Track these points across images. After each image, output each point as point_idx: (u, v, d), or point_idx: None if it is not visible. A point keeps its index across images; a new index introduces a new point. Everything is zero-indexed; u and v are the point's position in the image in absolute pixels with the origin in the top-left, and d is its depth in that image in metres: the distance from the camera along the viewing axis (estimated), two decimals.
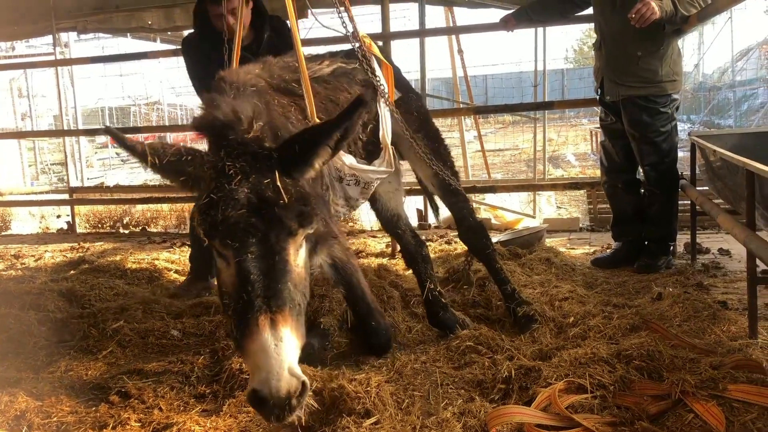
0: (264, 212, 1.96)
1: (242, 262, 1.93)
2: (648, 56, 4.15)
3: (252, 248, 1.94)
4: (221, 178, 2.01)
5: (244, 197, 1.96)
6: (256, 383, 1.79)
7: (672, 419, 2.21)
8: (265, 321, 1.85)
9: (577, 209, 8.19)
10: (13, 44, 13.62)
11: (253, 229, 1.94)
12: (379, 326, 3.05)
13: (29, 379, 2.89)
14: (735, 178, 3.27)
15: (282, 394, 1.77)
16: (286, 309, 1.91)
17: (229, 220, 1.93)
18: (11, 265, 5.64)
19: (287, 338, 1.86)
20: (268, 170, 2.04)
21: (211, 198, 1.98)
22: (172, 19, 7.11)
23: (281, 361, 1.80)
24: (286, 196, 1.99)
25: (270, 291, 1.91)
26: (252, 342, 1.83)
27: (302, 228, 2.04)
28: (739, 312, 3.32)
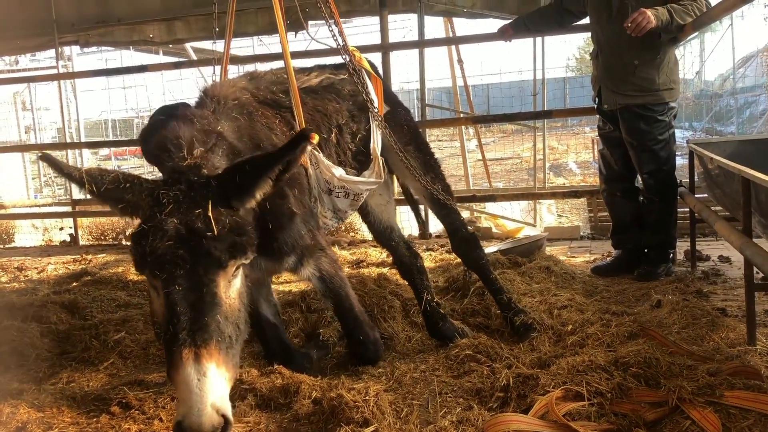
0: (192, 244, 1.95)
1: (169, 294, 1.92)
2: (645, 65, 4.17)
3: (179, 280, 1.93)
4: (155, 206, 2.01)
5: (172, 228, 1.95)
6: (179, 415, 1.81)
7: (669, 426, 2.22)
8: (189, 355, 1.85)
9: (578, 218, 8.20)
10: (17, 58, 13.73)
11: (180, 260, 1.93)
12: (368, 339, 3.01)
13: (31, 391, 2.90)
14: (732, 186, 3.28)
15: (203, 430, 1.78)
16: (212, 343, 1.90)
17: (156, 251, 1.93)
18: (14, 277, 5.67)
19: (211, 373, 1.85)
20: (201, 199, 2.03)
21: (143, 228, 1.99)
22: (173, 32, 7.18)
23: (203, 397, 1.80)
24: (217, 227, 1.98)
25: (196, 324, 1.90)
26: (177, 375, 1.85)
27: (234, 259, 2.03)
28: (738, 319, 3.33)
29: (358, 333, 2.99)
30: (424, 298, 3.41)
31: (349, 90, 3.25)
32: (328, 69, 3.38)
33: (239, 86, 2.83)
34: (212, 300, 1.96)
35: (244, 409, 2.60)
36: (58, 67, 7.84)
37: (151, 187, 2.08)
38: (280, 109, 2.91)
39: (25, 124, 14.11)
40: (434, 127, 12.47)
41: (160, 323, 1.99)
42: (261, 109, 2.76)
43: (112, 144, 14.41)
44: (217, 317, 1.95)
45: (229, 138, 2.41)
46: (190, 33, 7.12)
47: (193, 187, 2.05)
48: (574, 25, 5.07)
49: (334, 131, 3.12)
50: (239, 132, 2.49)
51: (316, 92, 3.11)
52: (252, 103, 2.75)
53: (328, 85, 3.23)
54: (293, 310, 3.67)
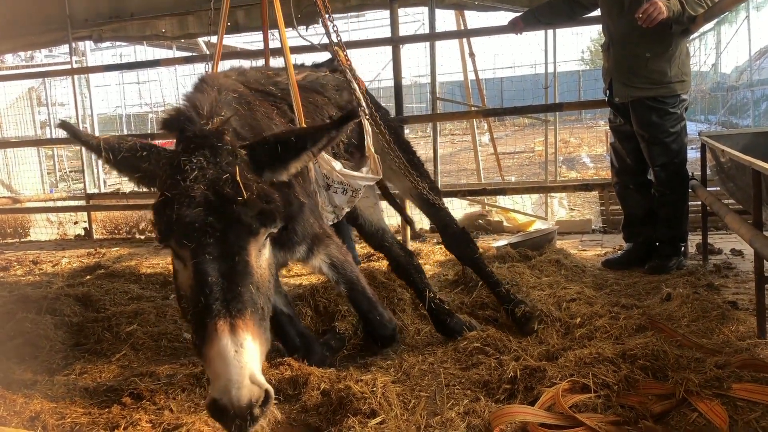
0: (222, 210, 1.86)
1: (199, 264, 1.82)
2: (656, 57, 4.15)
3: (209, 249, 1.83)
4: (177, 174, 1.91)
5: (200, 194, 1.86)
6: (215, 392, 1.69)
7: (676, 418, 2.22)
8: (224, 326, 1.75)
9: (590, 211, 8.16)
10: (32, 54, 13.84)
11: (210, 228, 1.84)
12: (383, 318, 3.06)
13: (45, 382, 2.96)
14: (744, 178, 3.26)
15: (243, 404, 1.67)
16: (247, 313, 1.80)
17: (184, 219, 1.83)
18: (29, 270, 5.74)
19: (248, 344, 1.75)
20: (227, 165, 1.95)
21: (166, 196, 1.89)
22: (185, 27, 7.20)
23: (242, 369, 1.70)
24: (246, 192, 1.88)
25: (229, 294, 1.81)
26: (211, 348, 1.73)
27: (264, 227, 1.94)
28: (749, 312, 3.31)
29: (374, 314, 3.02)
30: (427, 297, 3.37)
31: (334, 85, 3.27)
32: (308, 68, 3.41)
33: (233, 78, 2.81)
34: (244, 269, 1.87)
35: None
36: (72, 62, 7.90)
37: (169, 156, 2.01)
38: (275, 100, 2.91)
39: (41, 120, 14.22)
40: (445, 120, 12.46)
41: (188, 297, 1.89)
42: (257, 101, 2.75)
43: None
44: (249, 287, 1.86)
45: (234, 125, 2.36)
46: (202, 27, 7.13)
47: (218, 153, 1.97)
48: (586, 17, 5.03)
49: None
50: (241, 121, 2.45)
51: (304, 87, 3.10)
52: (249, 94, 2.73)
53: (313, 80, 3.25)
54: (303, 304, 3.68)
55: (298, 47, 5.57)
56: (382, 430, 2.27)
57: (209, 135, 2.03)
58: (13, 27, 7.35)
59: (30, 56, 14.02)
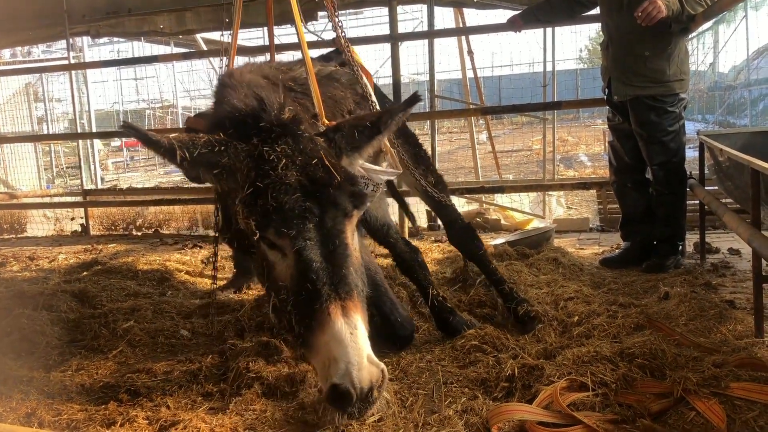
0: (318, 194, 1.86)
1: (302, 250, 1.81)
2: (655, 56, 4.14)
3: (311, 234, 1.83)
4: (263, 164, 1.89)
5: (294, 181, 1.85)
6: (336, 377, 1.67)
7: (674, 417, 2.21)
8: (336, 309, 1.75)
9: (588, 210, 8.16)
10: (30, 49, 13.81)
11: (309, 213, 1.83)
12: (404, 319, 3.07)
13: (41, 378, 2.94)
14: (742, 178, 3.26)
15: (365, 385, 1.67)
16: (354, 295, 1.82)
17: (283, 207, 1.82)
18: (26, 266, 5.73)
19: (360, 325, 1.77)
20: (313, 151, 1.94)
21: (258, 186, 1.86)
22: (183, 23, 7.19)
23: (360, 350, 1.69)
24: (338, 175, 1.89)
25: (336, 277, 1.81)
26: (324, 334, 1.72)
27: (357, 209, 1.96)
28: (747, 311, 3.31)
29: (395, 315, 3.02)
30: (430, 294, 3.35)
31: (347, 80, 3.24)
32: (317, 62, 3.37)
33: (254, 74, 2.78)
34: (345, 251, 1.88)
35: (251, 397, 2.62)
36: (69, 57, 7.87)
37: (248, 148, 1.97)
38: (296, 95, 2.88)
39: (38, 115, 14.19)
40: (443, 118, 12.44)
41: (289, 286, 1.87)
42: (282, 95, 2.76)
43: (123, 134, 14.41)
44: (351, 269, 1.88)
45: None
46: (200, 24, 7.12)
47: (300, 140, 1.97)
48: (585, 15, 5.04)
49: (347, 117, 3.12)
50: None
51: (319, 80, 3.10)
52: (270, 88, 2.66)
53: (328, 74, 3.22)
54: None
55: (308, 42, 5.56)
56: (380, 427, 2.27)
57: (288, 123, 2.01)
58: (11, 22, 7.33)
59: (27, 51, 13.99)
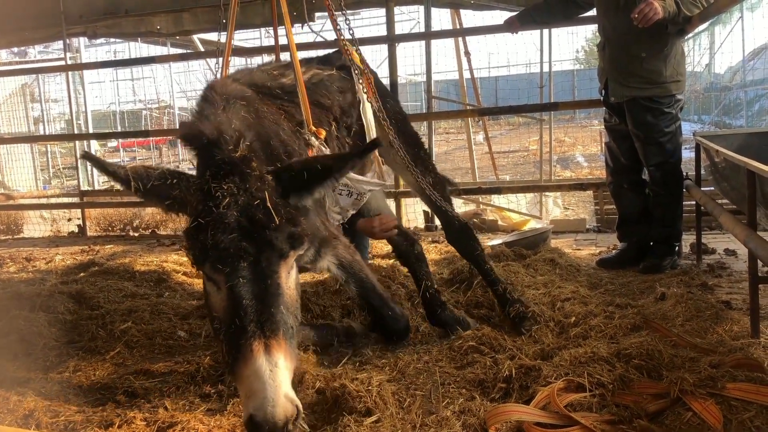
0: (255, 235, 1.94)
1: (234, 287, 1.91)
2: (652, 57, 4.16)
3: (243, 272, 1.92)
4: (209, 200, 1.99)
5: (233, 220, 1.94)
6: (252, 408, 1.77)
7: (670, 417, 2.22)
8: (259, 346, 1.84)
9: (585, 210, 8.18)
10: (26, 49, 13.77)
11: (244, 253, 1.92)
12: (395, 313, 3.09)
13: (38, 379, 2.94)
14: (738, 179, 3.27)
15: (279, 420, 1.75)
16: (280, 333, 1.89)
17: (219, 245, 1.91)
18: (23, 267, 5.72)
19: (282, 363, 1.84)
20: (258, 191, 2.01)
21: (199, 222, 1.96)
22: (180, 24, 7.19)
23: (277, 387, 1.78)
24: (277, 217, 1.96)
25: (263, 316, 1.89)
26: (246, 368, 1.82)
27: (294, 250, 2.02)
28: (743, 312, 3.32)
29: (386, 309, 3.05)
30: (423, 285, 3.41)
31: (338, 86, 3.26)
32: (314, 64, 3.38)
33: (242, 82, 2.83)
34: (276, 291, 1.95)
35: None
36: (66, 58, 7.87)
37: (199, 182, 2.07)
38: (283, 103, 2.91)
39: (35, 116, 14.17)
40: (440, 119, 12.46)
41: (221, 318, 1.96)
42: (265, 106, 2.76)
43: (120, 135, 14.53)
44: (281, 308, 1.94)
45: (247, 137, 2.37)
46: (197, 24, 7.12)
47: (248, 179, 2.03)
48: (581, 16, 5.05)
49: (333, 125, 3.14)
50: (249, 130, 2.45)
51: (308, 87, 3.08)
52: (256, 99, 2.74)
53: (318, 81, 3.23)
54: None
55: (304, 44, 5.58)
56: (378, 428, 2.27)
57: (238, 162, 2.09)
58: (7, 22, 7.31)
59: (23, 52, 13.95)
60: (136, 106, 21.90)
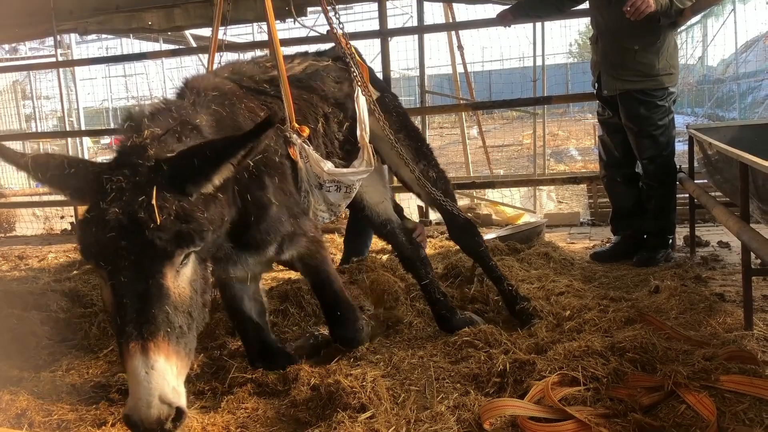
0: (135, 235, 1.88)
1: (114, 286, 1.89)
2: (644, 50, 4.15)
3: (123, 272, 1.88)
4: (99, 194, 1.94)
5: (114, 218, 1.88)
6: (128, 408, 1.80)
7: (665, 410, 2.21)
8: (135, 348, 1.82)
9: (578, 204, 8.19)
10: (16, 46, 13.68)
11: (124, 252, 1.87)
12: (348, 317, 2.92)
13: (31, 378, 2.92)
14: (731, 171, 3.28)
15: (152, 421, 1.77)
16: (159, 335, 1.86)
17: (99, 243, 1.89)
18: (15, 266, 5.69)
19: (160, 365, 1.82)
20: (146, 185, 1.94)
21: (86, 216, 1.94)
22: (172, 20, 7.14)
23: (150, 389, 1.78)
24: (162, 215, 1.89)
25: (142, 317, 1.86)
26: (126, 366, 1.84)
27: (181, 248, 1.96)
28: (736, 304, 3.33)
29: (336, 309, 2.90)
30: (433, 293, 3.32)
31: (334, 77, 3.21)
32: (310, 56, 3.35)
33: (222, 76, 2.80)
34: (158, 291, 1.91)
35: (243, 396, 2.62)
36: (57, 55, 7.82)
37: (96, 171, 2.01)
38: (266, 98, 2.88)
39: (26, 113, 14.10)
40: (434, 113, 12.43)
41: (110, 313, 1.96)
42: (245, 100, 2.72)
43: (112, 132, 14.39)
44: (164, 308, 1.91)
45: (206, 131, 2.35)
46: (189, 20, 7.07)
47: (137, 172, 1.97)
48: (574, 10, 5.05)
49: (321, 121, 3.09)
50: (219, 124, 2.43)
51: (300, 81, 3.06)
52: (235, 93, 2.71)
53: (313, 72, 3.20)
54: (289, 303, 3.65)
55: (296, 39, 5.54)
56: (372, 424, 2.26)
57: (131, 152, 2.04)
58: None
59: (14, 49, 13.86)
60: (129, 103, 21.80)
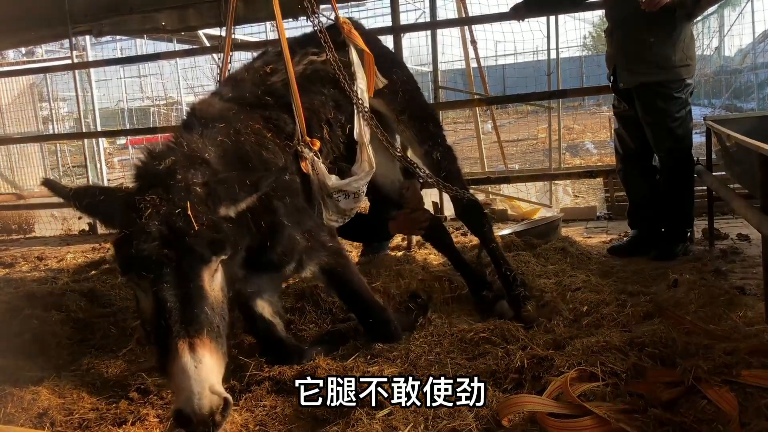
0: (176, 242, 2.04)
1: (159, 292, 2.01)
2: (660, 42, 4.10)
3: (167, 277, 2.02)
4: (133, 212, 2.09)
5: (155, 229, 2.04)
6: (180, 403, 1.91)
7: (685, 406, 2.19)
8: (184, 345, 1.96)
9: (595, 198, 8.12)
10: (33, 49, 13.81)
11: (166, 259, 2.02)
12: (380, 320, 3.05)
13: (52, 378, 2.95)
14: (750, 162, 3.23)
15: (205, 412, 1.88)
16: (203, 332, 2.01)
17: (142, 253, 2.01)
18: (35, 266, 5.75)
19: (206, 360, 1.97)
20: (179, 200, 2.11)
21: (124, 233, 2.07)
22: (185, 20, 7.16)
23: (202, 381, 1.92)
24: (197, 224, 2.07)
25: (187, 317, 2.00)
26: (173, 365, 1.94)
27: (216, 255, 2.13)
28: (757, 297, 3.28)
29: (368, 317, 3.05)
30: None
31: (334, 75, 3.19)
32: (310, 48, 3.29)
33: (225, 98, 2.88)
34: (199, 293, 2.07)
35: (261, 394, 2.64)
36: (72, 57, 7.88)
37: (124, 196, 2.19)
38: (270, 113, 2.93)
39: (43, 115, 14.22)
40: (448, 109, 12.40)
41: (150, 322, 2.08)
42: (250, 122, 2.79)
43: (128, 132, 14.55)
44: (205, 309, 2.06)
45: (215, 165, 2.47)
46: (202, 20, 7.10)
47: (170, 190, 2.14)
48: (588, 2, 5.00)
49: (325, 128, 3.13)
50: (226, 157, 2.56)
51: (301, 86, 3.06)
52: (240, 117, 2.78)
53: (312, 73, 3.20)
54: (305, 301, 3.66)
55: None
56: (390, 421, 2.26)
57: (162, 174, 2.22)
58: (13, 22, 7.32)
59: (30, 52, 14.00)
60: (144, 103, 21.96)
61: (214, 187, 2.22)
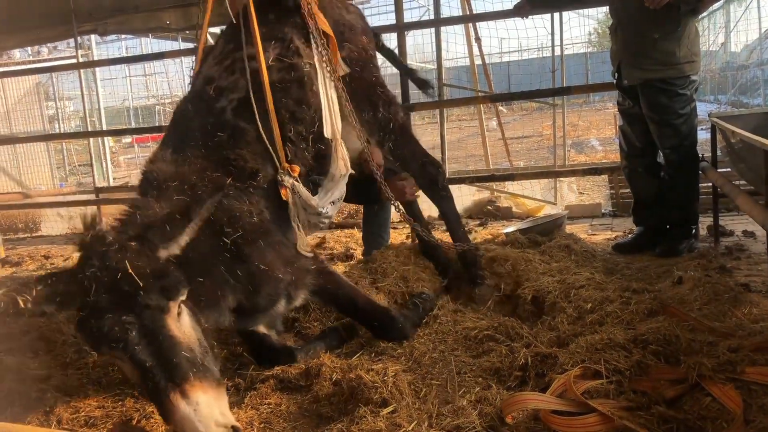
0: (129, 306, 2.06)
1: (134, 357, 2.04)
2: (665, 38, 4.09)
3: (135, 341, 2.04)
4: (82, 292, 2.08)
5: (105, 303, 2.05)
6: None
7: (689, 403, 2.19)
8: (176, 396, 2.01)
9: (600, 195, 8.11)
10: (39, 48, 13.85)
11: (127, 325, 2.04)
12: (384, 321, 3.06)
13: (58, 376, 2.98)
14: (755, 159, 3.22)
15: None
16: (190, 376, 2.04)
17: (103, 330, 2.03)
18: (41, 265, 5.79)
19: (202, 399, 2.02)
20: (118, 263, 2.10)
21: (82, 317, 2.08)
22: (189, 18, 7.16)
23: (205, 421, 1.98)
24: (142, 281, 2.06)
25: (168, 369, 2.03)
26: (174, 416, 2.00)
27: (172, 300, 2.14)
28: (762, 294, 3.28)
29: (371, 320, 3.08)
30: None
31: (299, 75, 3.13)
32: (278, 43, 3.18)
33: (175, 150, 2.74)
34: (171, 343, 2.09)
35: (266, 392, 2.65)
36: (77, 56, 7.90)
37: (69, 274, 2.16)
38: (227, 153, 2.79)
39: (49, 114, 14.26)
40: (452, 106, 12.39)
41: (139, 383, 2.14)
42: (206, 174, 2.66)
43: (134, 131, 14.56)
44: (182, 354, 2.08)
45: None
46: None
47: (105, 257, 2.12)
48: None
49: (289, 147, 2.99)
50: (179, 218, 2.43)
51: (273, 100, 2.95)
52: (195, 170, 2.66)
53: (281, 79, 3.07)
54: None
55: None
56: (394, 419, 2.27)
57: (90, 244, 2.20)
58: (19, 22, 7.34)
59: (36, 51, 14.04)
60: (150, 102, 21.98)
61: (144, 235, 2.21)
